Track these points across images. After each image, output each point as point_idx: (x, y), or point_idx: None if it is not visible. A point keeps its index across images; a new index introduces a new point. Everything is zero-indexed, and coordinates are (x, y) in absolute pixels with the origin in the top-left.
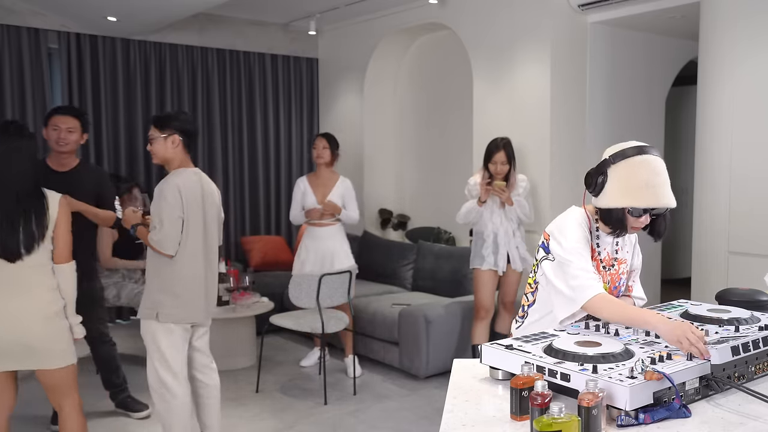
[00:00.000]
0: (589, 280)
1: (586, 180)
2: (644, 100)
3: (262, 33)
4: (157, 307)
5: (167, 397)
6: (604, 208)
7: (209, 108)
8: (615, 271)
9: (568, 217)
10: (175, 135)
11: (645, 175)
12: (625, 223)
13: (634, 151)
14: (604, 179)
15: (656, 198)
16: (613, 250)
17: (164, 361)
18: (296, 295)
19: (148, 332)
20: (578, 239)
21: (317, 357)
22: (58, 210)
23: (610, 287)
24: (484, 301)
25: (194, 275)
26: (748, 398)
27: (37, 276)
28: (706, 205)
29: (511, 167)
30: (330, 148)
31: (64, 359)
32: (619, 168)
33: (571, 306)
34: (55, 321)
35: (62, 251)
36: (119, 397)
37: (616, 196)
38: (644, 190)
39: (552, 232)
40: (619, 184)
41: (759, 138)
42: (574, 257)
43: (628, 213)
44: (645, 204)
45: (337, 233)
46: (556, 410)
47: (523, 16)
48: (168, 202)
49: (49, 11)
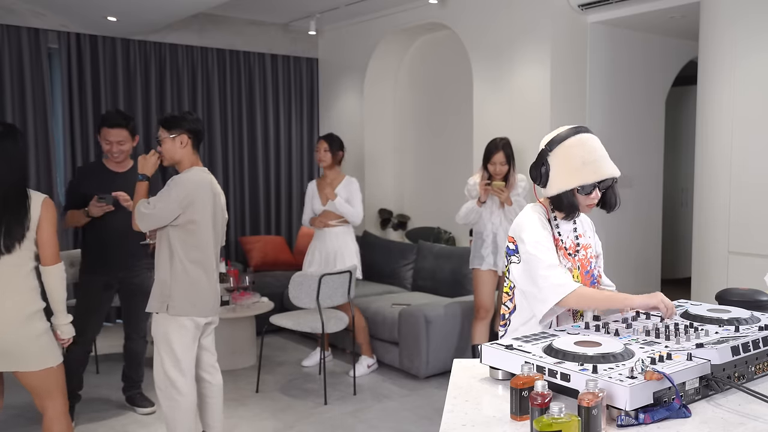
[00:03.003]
0: (558, 278)
1: (531, 174)
2: (644, 100)
3: (262, 33)
4: (168, 300)
5: (175, 396)
6: (554, 195)
7: (209, 108)
8: (583, 256)
9: (525, 215)
10: (184, 135)
11: (582, 154)
12: (576, 205)
13: (566, 134)
14: (546, 168)
15: (598, 171)
16: (574, 236)
17: (174, 360)
18: (296, 295)
19: (159, 328)
20: (538, 233)
21: (319, 357)
22: (41, 211)
23: (581, 272)
24: (483, 301)
25: (206, 270)
26: (748, 398)
27: (15, 277)
28: (706, 205)
29: (510, 167)
30: (331, 150)
31: (41, 362)
32: (556, 154)
33: (544, 305)
34: (31, 322)
35: (48, 253)
36: (131, 391)
37: (561, 180)
38: (585, 167)
39: (514, 234)
40: (560, 168)
41: (759, 138)
42: (538, 251)
43: (577, 193)
44: (589, 179)
45: (343, 234)
46: (556, 410)
47: (523, 16)
48: (171, 197)
49: (49, 11)
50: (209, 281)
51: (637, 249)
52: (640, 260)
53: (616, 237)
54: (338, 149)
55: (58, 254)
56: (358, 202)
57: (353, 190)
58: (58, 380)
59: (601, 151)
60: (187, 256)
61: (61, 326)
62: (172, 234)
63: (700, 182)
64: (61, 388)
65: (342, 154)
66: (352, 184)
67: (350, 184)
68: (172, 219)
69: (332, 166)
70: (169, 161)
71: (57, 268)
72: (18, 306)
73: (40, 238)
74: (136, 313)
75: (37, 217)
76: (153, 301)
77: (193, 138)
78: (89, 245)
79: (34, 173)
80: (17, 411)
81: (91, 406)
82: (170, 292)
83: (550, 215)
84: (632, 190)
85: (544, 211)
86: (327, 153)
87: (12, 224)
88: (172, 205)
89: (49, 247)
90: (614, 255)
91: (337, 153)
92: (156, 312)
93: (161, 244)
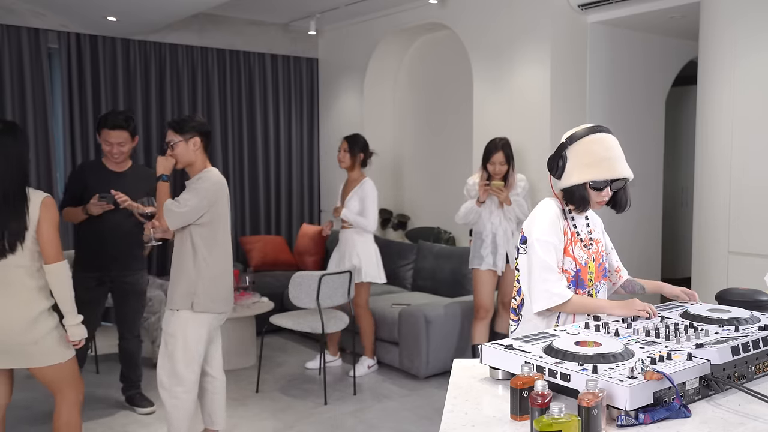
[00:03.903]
0: (552, 285)
1: (549, 165)
2: (644, 100)
3: (262, 33)
4: (192, 297)
5: (180, 393)
6: (567, 187)
7: (209, 108)
8: (595, 249)
9: (540, 209)
10: (196, 137)
11: (599, 150)
12: (588, 199)
13: (587, 131)
14: (564, 161)
15: (612, 170)
16: (587, 231)
17: (188, 357)
18: (296, 295)
19: (178, 325)
20: (547, 231)
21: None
22: (40, 210)
23: (595, 263)
24: (483, 301)
25: (225, 266)
26: (748, 398)
27: (19, 276)
28: (706, 205)
29: (509, 167)
30: (351, 150)
31: (49, 359)
32: (574, 148)
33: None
34: (38, 321)
35: (50, 251)
36: (129, 392)
37: (576, 174)
38: (600, 163)
39: (526, 226)
40: (577, 161)
41: (759, 138)
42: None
43: (589, 188)
44: (603, 176)
45: (353, 237)
46: (556, 410)
47: (523, 16)
48: (201, 195)
49: (49, 11)
50: (229, 277)
51: (637, 249)
52: (641, 260)
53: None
54: (360, 150)
55: (60, 253)
56: (370, 208)
57: (365, 195)
58: (67, 375)
59: (618, 151)
60: (211, 253)
61: (71, 327)
62: (194, 232)
63: (700, 182)
64: (71, 383)
65: (363, 156)
66: (364, 188)
67: (363, 188)
68: (199, 217)
69: (353, 168)
70: (183, 164)
71: (59, 266)
72: (24, 305)
73: (40, 237)
74: (130, 313)
75: (37, 216)
76: (176, 299)
77: (204, 139)
78: (84, 242)
79: (34, 173)
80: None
81: (90, 406)
82: (195, 290)
83: (566, 209)
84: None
85: (559, 206)
86: (346, 154)
87: (12, 223)
88: (203, 203)
89: (51, 246)
90: None
91: (358, 154)
92: (177, 309)
93: (183, 244)
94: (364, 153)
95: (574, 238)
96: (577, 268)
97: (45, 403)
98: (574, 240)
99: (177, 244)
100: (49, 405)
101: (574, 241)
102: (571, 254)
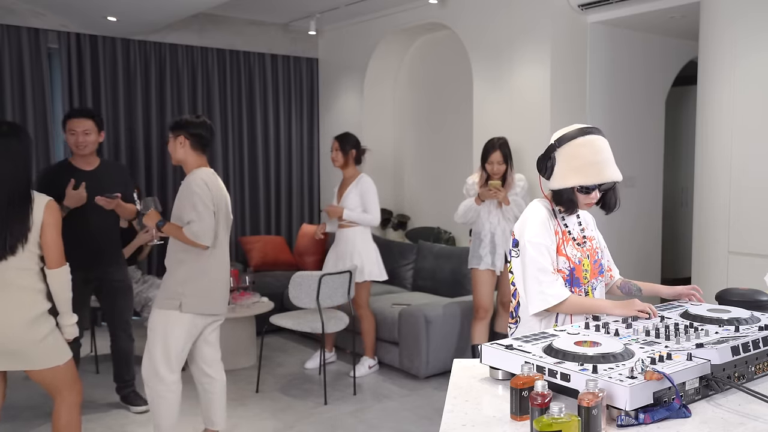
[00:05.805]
0: (548, 286)
1: (537, 165)
2: (644, 100)
3: (262, 33)
4: (181, 297)
5: (163, 392)
6: (555, 189)
7: (209, 108)
8: (589, 247)
9: (530, 211)
10: (181, 135)
11: (588, 154)
12: (575, 202)
13: (577, 133)
14: (552, 162)
15: (601, 174)
16: (580, 229)
17: (167, 356)
18: (296, 295)
19: (160, 322)
20: (539, 232)
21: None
22: (44, 213)
23: (590, 261)
24: (482, 301)
25: (222, 266)
26: (748, 398)
27: (19, 278)
28: (706, 205)
29: (507, 167)
30: (342, 149)
31: (47, 361)
32: (563, 150)
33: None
34: (37, 324)
35: (53, 256)
36: (124, 391)
37: (564, 176)
38: (589, 167)
39: (517, 228)
40: (566, 164)
41: (759, 138)
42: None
43: (577, 191)
44: (591, 181)
45: (353, 235)
46: (556, 410)
47: (522, 16)
48: (199, 195)
49: (49, 11)
50: (226, 276)
51: (637, 248)
52: (641, 260)
53: (616, 236)
54: (351, 147)
55: (62, 257)
56: (371, 202)
57: (365, 190)
58: (66, 377)
59: (607, 153)
60: (203, 254)
61: (65, 327)
62: None
63: (700, 182)
64: (69, 384)
65: (356, 153)
66: (361, 183)
67: (360, 184)
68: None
69: (346, 166)
70: (174, 161)
71: (61, 271)
72: (24, 308)
73: (44, 241)
74: (120, 311)
75: (41, 219)
76: (163, 298)
77: (191, 139)
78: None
79: (34, 173)
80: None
81: (89, 406)
82: (184, 290)
83: (556, 209)
84: (632, 190)
85: (548, 206)
86: (338, 152)
87: (16, 224)
88: (206, 203)
89: (54, 250)
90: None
91: (350, 152)
92: (164, 308)
93: (176, 243)
94: (356, 150)
95: (566, 237)
96: (571, 266)
97: (45, 403)
98: (566, 239)
99: (170, 244)
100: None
101: (566, 240)
102: (564, 253)
